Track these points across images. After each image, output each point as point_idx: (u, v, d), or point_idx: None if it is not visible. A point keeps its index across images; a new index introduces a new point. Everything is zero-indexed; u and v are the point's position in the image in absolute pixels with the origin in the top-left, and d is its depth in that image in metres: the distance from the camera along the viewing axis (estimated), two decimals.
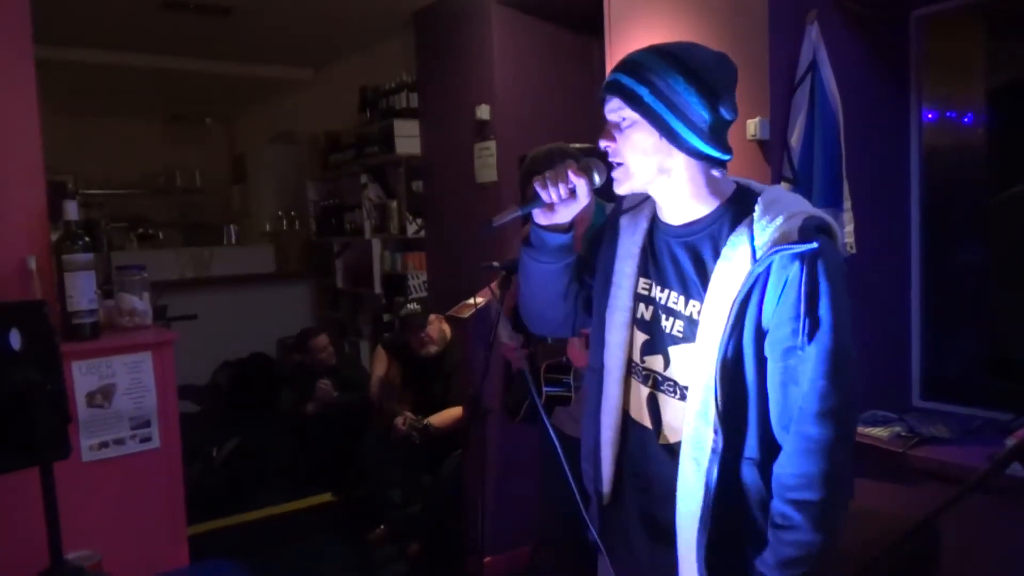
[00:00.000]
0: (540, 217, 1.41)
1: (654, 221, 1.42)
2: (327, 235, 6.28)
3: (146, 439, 2.30)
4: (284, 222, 7.17)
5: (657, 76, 1.26)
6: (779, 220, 1.22)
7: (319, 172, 6.43)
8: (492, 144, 3.87)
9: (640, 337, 1.41)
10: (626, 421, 1.45)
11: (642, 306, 1.40)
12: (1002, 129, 2.76)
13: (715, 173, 1.32)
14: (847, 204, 2.58)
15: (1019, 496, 2.12)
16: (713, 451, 1.26)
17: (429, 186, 4.59)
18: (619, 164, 1.34)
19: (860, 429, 2.65)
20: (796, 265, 1.20)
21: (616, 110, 1.31)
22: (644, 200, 1.44)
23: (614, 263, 1.44)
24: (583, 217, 1.74)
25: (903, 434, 2.54)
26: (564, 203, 1.37)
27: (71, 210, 2.28)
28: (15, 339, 1.59)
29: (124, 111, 7.71)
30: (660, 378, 1.38)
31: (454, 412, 3.67)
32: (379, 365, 4.06)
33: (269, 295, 6.71)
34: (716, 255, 1.28)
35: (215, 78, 6.29)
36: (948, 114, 2.92)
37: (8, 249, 2.25)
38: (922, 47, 2.86)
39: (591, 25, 3.50)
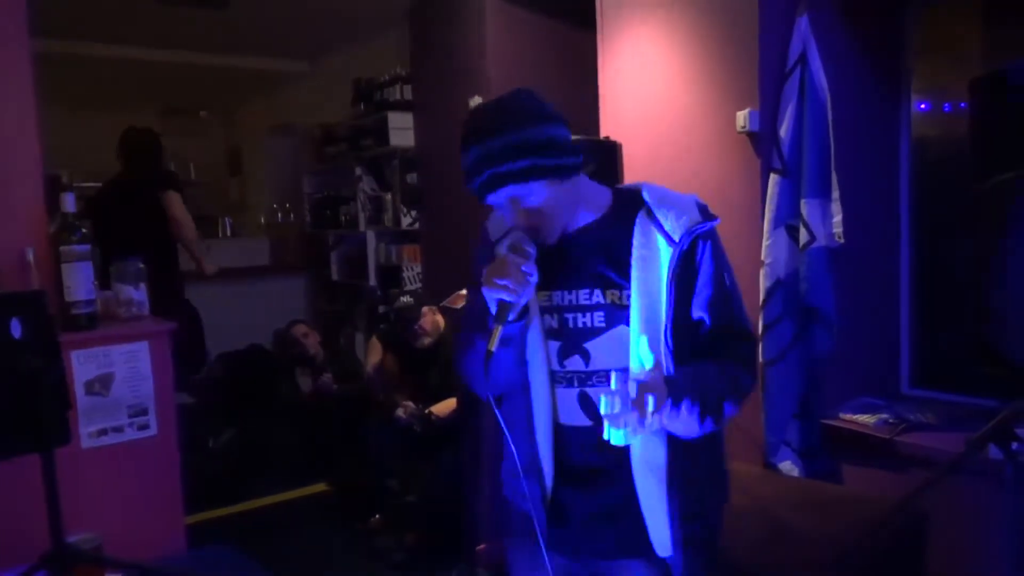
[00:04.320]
0: (511, 314, 1.38)
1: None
2: (322, 227, 6.31)
3: (144, 427, 2.33)
4: (279, 214, 7.18)
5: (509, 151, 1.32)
6: (680, 207, 1.42)
7: (314, 164, 6.44)
8: None
9: (553, 346, 1.48)
10: (558, 431, 1.50)
11: (547, 317, 1.48)
12: (985, 117, 2.77)
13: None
14: (835, 194, 2.61)
15: (1000, 479, 2.16)
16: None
17: (424, 178, 4.61)
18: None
19: (847, 416, 2.70)
20: (707, 238, 1.43)
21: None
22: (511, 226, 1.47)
23: None
24: None
25: (890, 421, 2.58)
26: (525, 290, 1.37)
27: (69, 202, 2.30)
28: (16, 328, 1.62)
29: (120, 104, 7.69)
30: (584, 375, 1.46)
31: (455, 401, 3.69)
32: (373, 356, 4.08)
33: (265, 287, 6.71)
34: (628, 245, 1.42)
35: (211, 71, 6.30)
36: (942, 105, 2.94)
37: (7, 241, 2.27)
38: (915, 37, 2.87)
39: (584, 17, 3.52)
